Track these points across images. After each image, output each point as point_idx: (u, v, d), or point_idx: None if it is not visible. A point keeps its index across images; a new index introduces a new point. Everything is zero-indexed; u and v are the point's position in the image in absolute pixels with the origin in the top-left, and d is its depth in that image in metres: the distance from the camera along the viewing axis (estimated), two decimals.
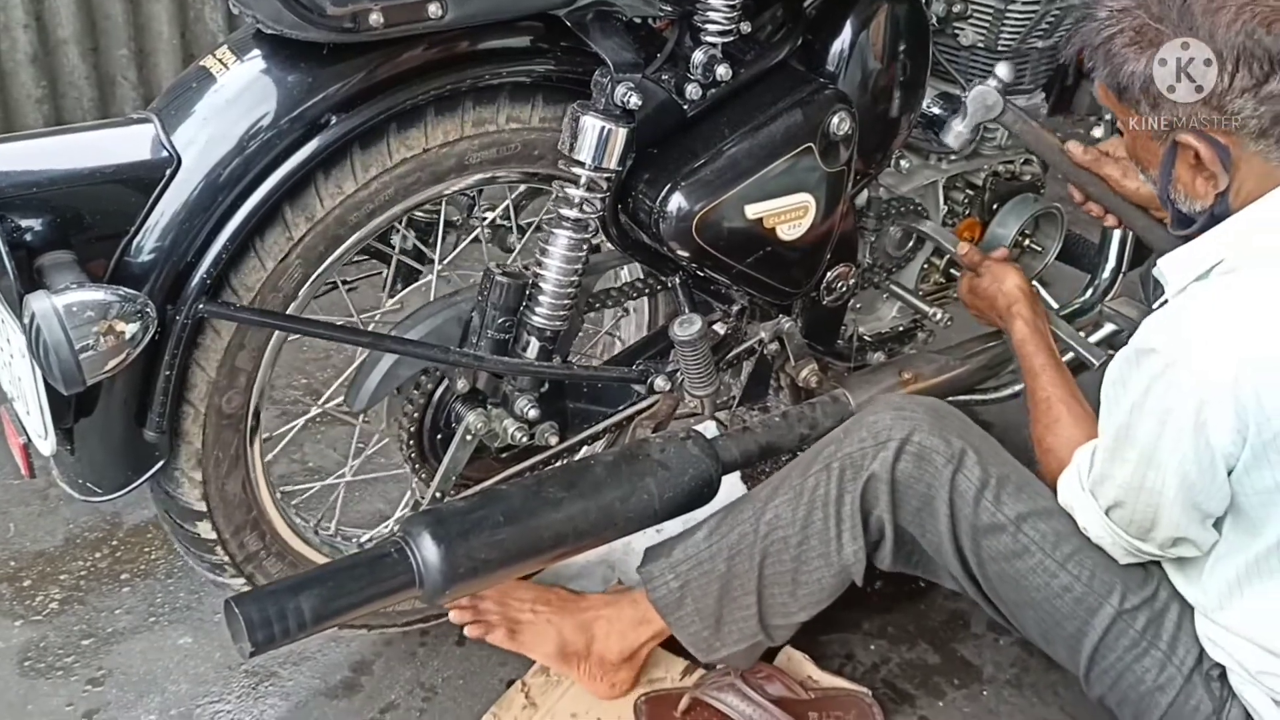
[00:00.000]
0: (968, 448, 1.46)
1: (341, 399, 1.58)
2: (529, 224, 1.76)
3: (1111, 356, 1.45)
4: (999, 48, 1.83)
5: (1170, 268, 1.33)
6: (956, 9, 1.79)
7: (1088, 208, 1.81)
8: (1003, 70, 1.75)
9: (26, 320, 1.12)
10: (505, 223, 1.74)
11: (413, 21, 1.25)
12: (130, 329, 1.16)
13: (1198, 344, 1.21)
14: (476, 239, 1.61)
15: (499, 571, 1.47)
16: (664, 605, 1.64)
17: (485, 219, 1.65)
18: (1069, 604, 1.44)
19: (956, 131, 1.78)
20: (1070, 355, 1.81)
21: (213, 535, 1.48)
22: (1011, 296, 1.77)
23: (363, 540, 1.75)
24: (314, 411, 1.64)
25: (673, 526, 1.68)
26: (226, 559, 1.51)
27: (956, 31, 1.83)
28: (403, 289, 1.65)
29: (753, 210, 1.50)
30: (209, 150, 1.26)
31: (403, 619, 1.76)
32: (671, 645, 1.73)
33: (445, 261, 1.56)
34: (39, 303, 1.11)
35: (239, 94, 1.28)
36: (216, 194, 1.26)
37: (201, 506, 1.44)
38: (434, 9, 1.25)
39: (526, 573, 1.59)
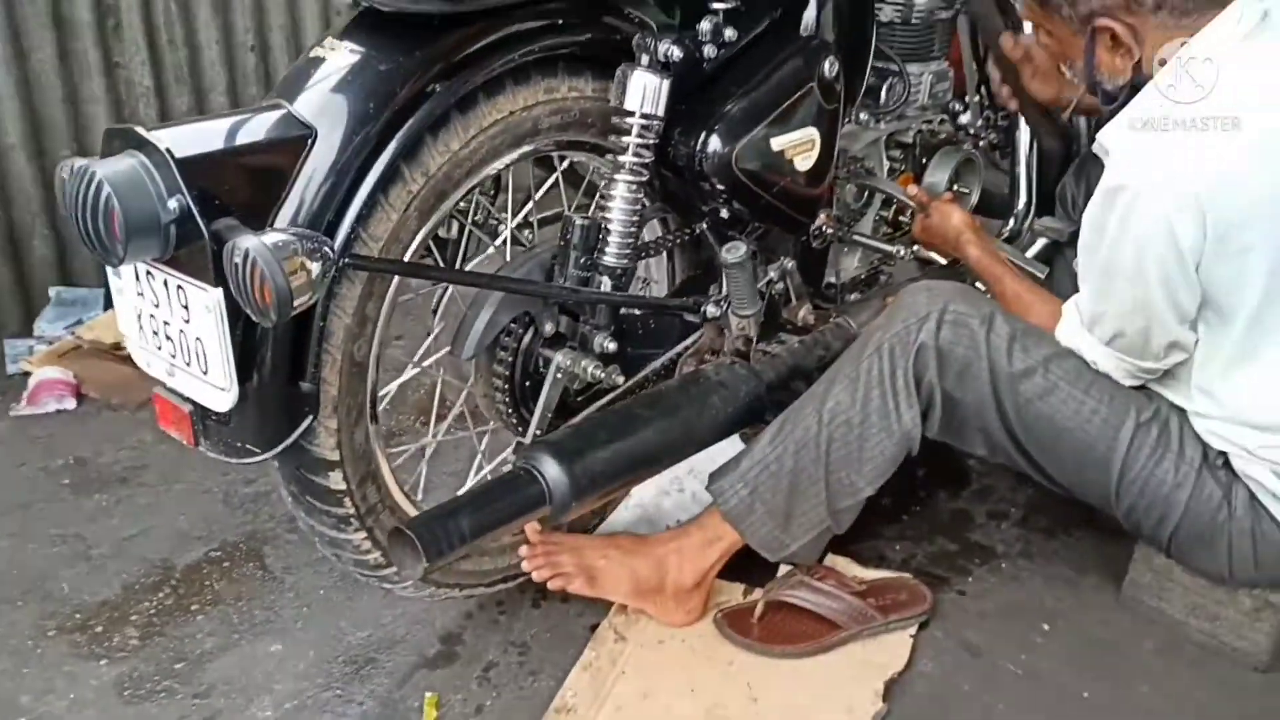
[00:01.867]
0: (994, 311, 1.72)
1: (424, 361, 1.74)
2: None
3: (1048, 270, 1.78)
4: (913, 20, 2.16)
5: (1113, 131, 1.63)
6: None
7: (1001, 91, 2.13)
8: None
9: (239, 259, 1.26)
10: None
11: None
12: (315, 268, 1.31)
13: (1159, 169, 1.50)
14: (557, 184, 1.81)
15: (613, 483, 1.66)
16: (736, 514, 1.81)
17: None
18: (1098, 426, 1.69)
19: None
20: None
21: (342, 486, 1.59)
22: (958, 228, 2.08)
23: None
24: (409, 373, 1.79)
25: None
26: (352, 511, 1.61)
27: (878, 9, 2.15)
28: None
29: (777, 143, 1.77)
30: (340, 122, 1.43)
31: (487, 579, 1.89)
32: (726, 574, 1.91)
33: (514, 222, 1.75)
34: (250, 240, 1.26)
35: (357, 71, 1.45)
36: (350, 159, 1.43)
37: (335, 456, 1.56)
38: None
39: (631, 484, 1.76)
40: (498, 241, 1.79)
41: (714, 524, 1.84)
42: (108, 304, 2.86)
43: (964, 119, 2.39)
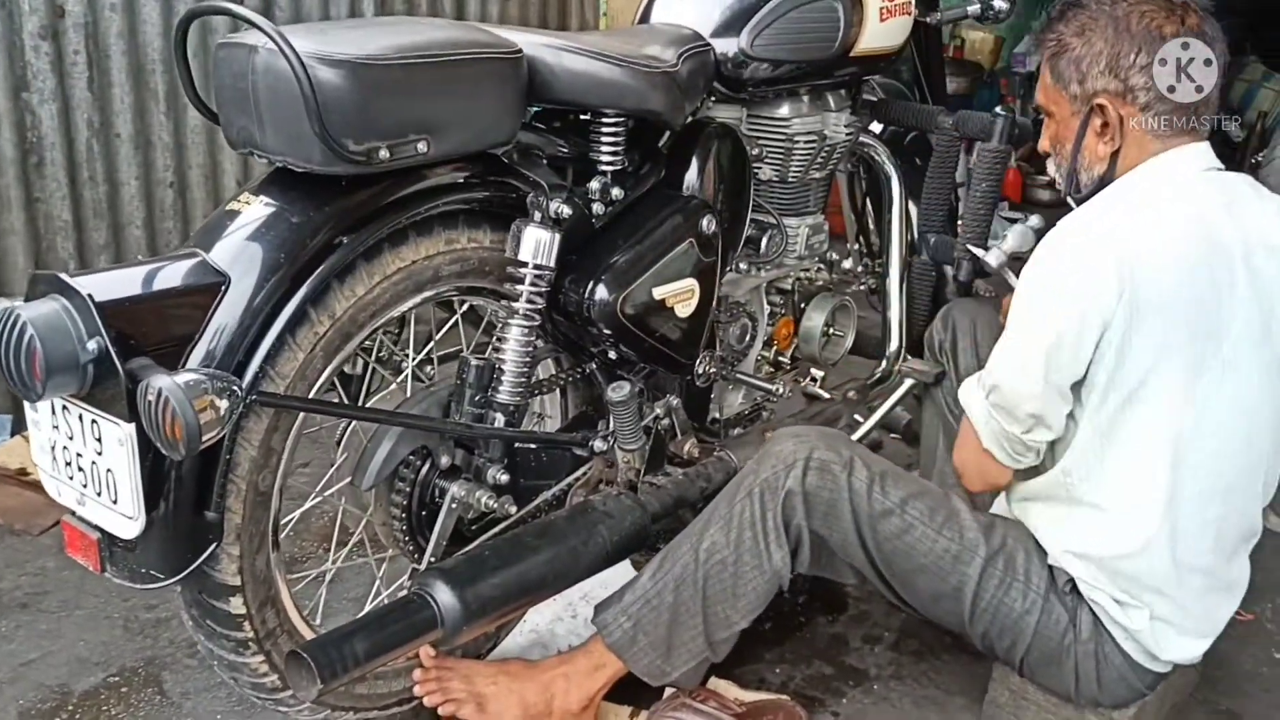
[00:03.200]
0: (855, 455, 1.88)
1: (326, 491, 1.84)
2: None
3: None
4: (789, 179, 2.36)
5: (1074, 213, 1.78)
6: (755, 151, 2.31)
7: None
8: (1035, 220, 2.27)
9: (152, 397, 1.36)
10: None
11: (409, 155, 1.61)
12: (223, 405, 1.42)
13: (1100, 229, 1.69)
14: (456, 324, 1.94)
15: (503, 608, 1.76)
16: (620, 645, 1.92)
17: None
18: (949, 561, 1.84)
19: (996, 253, 2.31)
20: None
21: (242, 610, 1.66)
22: None
23: None
24: (311, 501, 1.88)
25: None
26: (251, 634, 1.69)
27: (757, 169, 2.34)
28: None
29: (658, 292, 1.93)
30: (252, 270, 1.55)
31: (381, 702, 1.96)
32: (613, 696, 2.01)
33: (415, 360, 1.87)
34: (163, 380, 1.36)
35: (271, 222, 1.58)
36: (261, 304, 1.55)
37: (236, 581, 1.64)
38: (422, 146, 1.62)
39: (521, 610, 1.85)
40: (399, 378, 1.91)
41: (599, 651, 1.94)
42: (14, 430, 2.91)
43: (845, 264, 2.60)
